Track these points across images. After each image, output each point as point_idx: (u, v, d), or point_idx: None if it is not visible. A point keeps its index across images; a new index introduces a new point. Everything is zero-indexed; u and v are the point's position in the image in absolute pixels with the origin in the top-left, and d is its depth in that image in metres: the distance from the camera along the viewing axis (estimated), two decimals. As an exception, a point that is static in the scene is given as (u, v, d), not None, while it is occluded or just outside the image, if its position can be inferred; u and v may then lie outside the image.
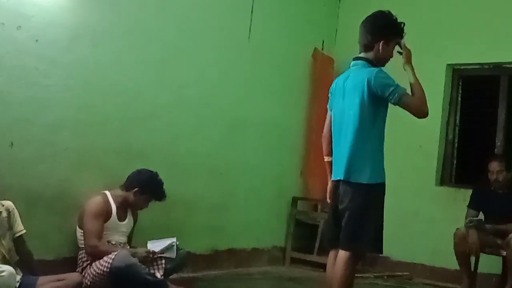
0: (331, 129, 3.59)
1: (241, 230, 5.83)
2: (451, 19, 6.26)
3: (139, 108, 4.79)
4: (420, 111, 3.31)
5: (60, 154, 4.22)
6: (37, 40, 4.06)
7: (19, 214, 3.61)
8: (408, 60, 3.47)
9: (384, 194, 3.40)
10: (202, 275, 5.20)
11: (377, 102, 3.35)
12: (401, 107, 3.32)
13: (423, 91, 3.34)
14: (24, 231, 3.61)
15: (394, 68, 3.48)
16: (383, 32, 3.45)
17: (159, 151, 4.93)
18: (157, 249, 4.29)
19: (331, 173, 3.62)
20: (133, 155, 4.69)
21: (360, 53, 3.52)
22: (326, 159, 3.67)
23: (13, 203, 3.59)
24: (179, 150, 5.14)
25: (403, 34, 3.50)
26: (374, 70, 3.35)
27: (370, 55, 3.46)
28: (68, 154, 4.26)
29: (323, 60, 6.70)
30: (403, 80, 3.41)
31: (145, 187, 4.31)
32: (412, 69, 3.44)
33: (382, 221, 3.39)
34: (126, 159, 4.61)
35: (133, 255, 4.07)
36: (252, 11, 5.80)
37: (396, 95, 3.27)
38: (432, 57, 6.21)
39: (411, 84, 3.39)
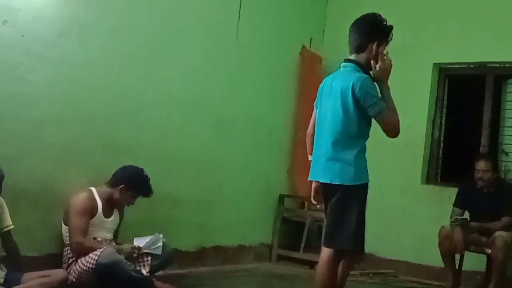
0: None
1: (227, 227, 5.83)
2: (437, 19, 6.29)
3: (126, 104, 4.77)
4: (394, 131, 3.34)
5: (45, 150, 4.19)
6: (22, 35, 4.03)
7: (5, 209, 3.60)
8: (387, 77, 3.44)
9: (366, 194, 3.42)
10: (188, 272, 5.19)
11: (362, 107, 3.36)
12: (377, 121, 3.34)
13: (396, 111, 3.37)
14: (12, 226, 3.61)
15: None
16: (378, 33, 3.44)
17: (146, 148, 4.92)
18: (142, 245, 4.29)
19: None
20: (120, 151, 4.67)
21: (351, 54, 3.50)
22: (310, 157, 3.67)
23: (-2, 197, 3.57)
24: (166, 146, 5.13)
25: (390, 39, 3.49)
26: (362, 77, 3.34)
27: (361, 57, 3.44)
28: (53, 149, 4.24)
29: (311, 58, 6.71)
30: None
31: (131, 184, 4.29)
32: (388, 87, 3.43)
33: (364, 220, 3.41)
34: (113, 155, 4.59)
35: (119, 251, 4.06)
36: (240, 8, 5.79)
37: (377, 108, 3.29)
38: (419, 56, 6.27)
39: (386, 103, 3.36)
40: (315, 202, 3.70)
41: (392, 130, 3.34)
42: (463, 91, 6.27)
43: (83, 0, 4.42)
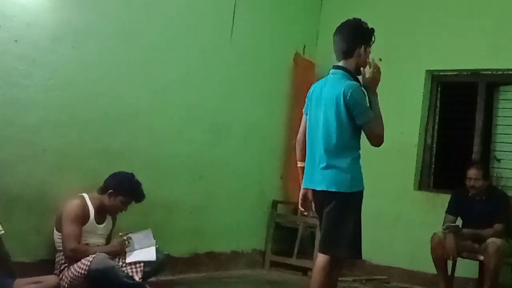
0: (306, 134, 3.61)
1: (221, 233, 5.82)
2: (430, 26, 6.32)
3: (121, 110, 4.77)
4: (379, 141, 3.39)
5: (40, 155, 4.18)
6: (16, 40, 4.02)
7: (-2, 215, 3.59)
8: (375, 85, 3.47)
9: (362, 201, 3.44)
10: (181, 278, 5.18)
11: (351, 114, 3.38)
12: (364, 129, 3.38)
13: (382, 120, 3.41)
14: (3, 231, 3.57)
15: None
16: (363, 37, 3.48)
17: (140, 153, 4.91)
18: (134, 239, 4.32)
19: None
20: (115, 157, 4.66)
21: (338, 61, 3.51)
22: (300, 164, 3.68)
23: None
24: (161, 152, 5.12)
25: (373, 41, 3.52)
26: (353, 85, 3.36)
27: (350, 62, 3.47)
28: (48, 155, 4.23)
29: (304, 65, 6.73)
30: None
31: (120, 189, 4.27)
32: (376, 95, 3.47)
33: (360, 227, 3.42)
34: (107, 161, 4.58)
35: (111, 252, 4.09)
36: (234, 14, 5.81)
37: (365, 117, 3.33)
38: (412, 63, 6.30)
39: (374, 112, 3.40)
40: (302, 209, 3.71)
41: (376, 139, 3.38)
42: (456, 98, 6.30)
43: (78, 6, 4.42)
